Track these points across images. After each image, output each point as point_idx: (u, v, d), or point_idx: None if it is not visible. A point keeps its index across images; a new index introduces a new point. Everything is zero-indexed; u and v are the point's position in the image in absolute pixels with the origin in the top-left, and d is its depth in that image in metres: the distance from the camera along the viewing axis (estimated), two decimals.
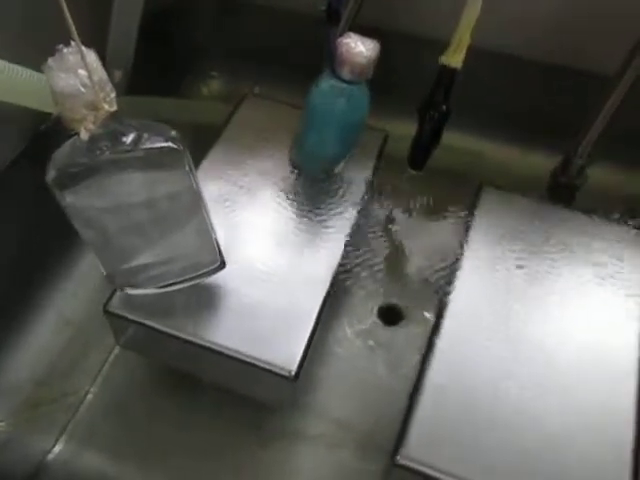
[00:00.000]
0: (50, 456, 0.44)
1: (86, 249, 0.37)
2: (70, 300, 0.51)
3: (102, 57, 0.28)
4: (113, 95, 0.28)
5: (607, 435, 0.36)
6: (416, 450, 0.35)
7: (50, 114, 0.44)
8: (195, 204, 0.35)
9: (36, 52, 0.28)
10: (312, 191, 0.47)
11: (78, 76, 0.26)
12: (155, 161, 0.31)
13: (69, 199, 0.32)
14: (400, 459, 0.35)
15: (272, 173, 0.47)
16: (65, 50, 0.26)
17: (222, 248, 0.40)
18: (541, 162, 0.54)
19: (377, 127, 0.50)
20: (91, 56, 0.26)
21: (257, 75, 0.63)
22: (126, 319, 0.40)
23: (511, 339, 0.40)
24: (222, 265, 0.40)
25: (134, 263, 0.37)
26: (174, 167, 0.32)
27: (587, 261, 0.44)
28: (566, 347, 0.40)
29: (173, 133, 0.32)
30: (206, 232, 0.37)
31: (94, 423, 0.46)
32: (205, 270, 0.39)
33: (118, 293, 0.40)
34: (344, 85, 0.41)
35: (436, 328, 0.40)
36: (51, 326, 0.50)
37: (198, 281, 0.40)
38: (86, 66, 0.26)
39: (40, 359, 0.48)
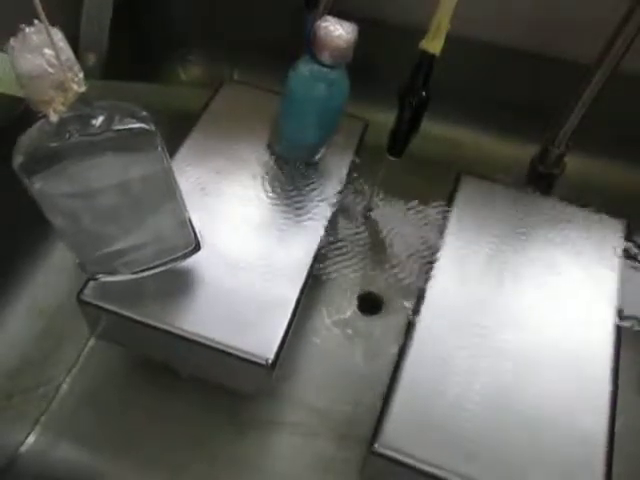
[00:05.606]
0: (24, 447, 0.44)
1: (59, 236, 0.36)
2: (43, 289, 0.50)
3: (75, 39, 0.27)
4: (81, 75, 0.27)
5: (583, 421, 0.37)
6: (393, 438, 0.35)
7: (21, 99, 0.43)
8: (168, 185, 0.35)
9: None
10: (291, 178, 0.46)
11: (44, 56, 0.25)
12: (127, 143, 0.31)
13: (38, 185, 0.30)
14: (378, 447, 0.35)
15: (250, 160, 0.47)
16: (28, 30, 0.25)
17: (198, 233, 0.39)
18: (520, 151, 0.54)
19: (358, 115, 0.50)
20: (57, 35, 0.25)
21: (236, 60, 0.62)
22: (100, 308, 0.39)
23: (489, 326, 0.40)
24: (197, 247, 0.39)
25: (108, 249, 0.36)
26: (146, 148, 0.32)
27: (565, 249, 0.44)
28: (543, 333, 0.40)
29: (144, 114, 0.31)
30: (180, 214, 0.37)
31: (69, 414, 0.45)
32: (180, 253, 0.39)
33: (92, 282, 0.39)
34: (324, 69, 0.41)
35: (414, 317, 0.40)
36: (24, 316, 0.49)
37: (174, 264, 0.39)
38: (54, 45, 0.25)
39: (13, 350, 0.47)
